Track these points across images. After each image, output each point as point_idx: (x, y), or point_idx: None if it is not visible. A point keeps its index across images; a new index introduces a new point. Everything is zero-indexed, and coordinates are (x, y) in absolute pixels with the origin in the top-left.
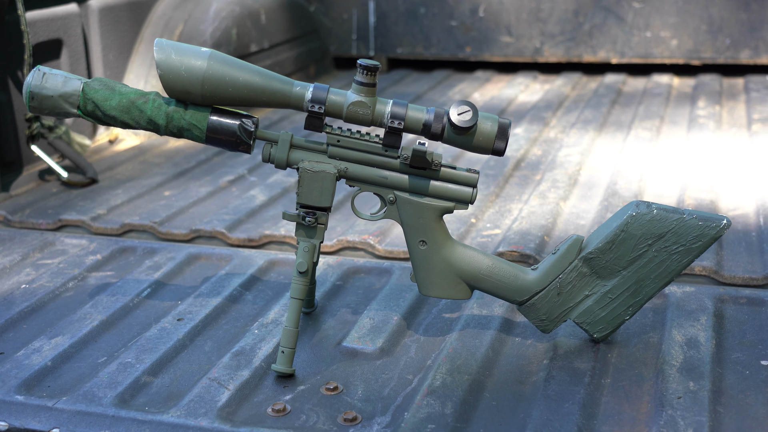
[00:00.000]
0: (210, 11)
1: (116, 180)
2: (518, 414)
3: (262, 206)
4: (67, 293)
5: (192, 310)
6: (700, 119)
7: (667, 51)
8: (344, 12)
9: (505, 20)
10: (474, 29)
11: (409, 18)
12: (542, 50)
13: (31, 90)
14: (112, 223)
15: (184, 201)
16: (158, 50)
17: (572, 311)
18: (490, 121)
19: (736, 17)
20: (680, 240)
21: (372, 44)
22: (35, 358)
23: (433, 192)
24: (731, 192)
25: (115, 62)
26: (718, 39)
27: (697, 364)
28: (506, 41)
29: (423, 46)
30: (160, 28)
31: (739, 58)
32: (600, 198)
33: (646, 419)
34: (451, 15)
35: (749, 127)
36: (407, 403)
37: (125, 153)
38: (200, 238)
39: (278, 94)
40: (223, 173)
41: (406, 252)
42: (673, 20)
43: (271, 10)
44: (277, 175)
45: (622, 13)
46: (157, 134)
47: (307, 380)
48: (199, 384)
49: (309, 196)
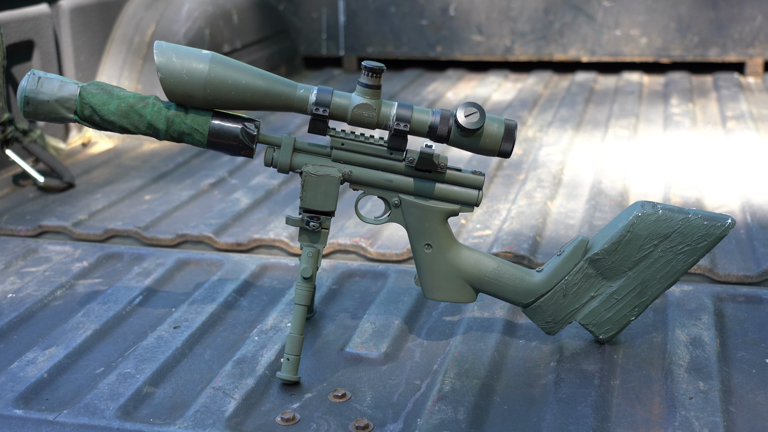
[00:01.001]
0: (182, 11)
1: (93, 184)
2: (531, 418)
3: (247, 209)
4: (55, 302)
5: (188, 317)
6: (676, 117)
7: (637, 49)
8: (313, 11)
9: (475, 19)
10: (444, 28)
11: (380, 17)
12: (513, 49)
13: (27, 95)
14: (95, 228)
15: (167, 205)
16: (158, 53)
17: (578, 313)
18: (497, 123)
19: (704, 15)
20: (686, 240)
21: (342, 44)
22: (30, 370)
23: (439, 195)
24: (715, 190)
25: (86, 63)
26: (687, 37)
27: (704, 363)
28: (477, 40)
29: (393, 46)
30: (132, 28)
31: (708, 56)
32: (586, 197)
33: (660, 421)
34: (422, 14)
35: (724, 125)
36: (418, 409)
37: (100, 156)
38: (186, 243)
39: (281, 97)
40: (203, 176)
41: (398, 254)
42: (642, 18)
43: (242, 10)
44: (259, 177)
45: (592, 11)
46: (156, 139)
47: (313, 387)
48: (204, 394)
49: (313, 201)
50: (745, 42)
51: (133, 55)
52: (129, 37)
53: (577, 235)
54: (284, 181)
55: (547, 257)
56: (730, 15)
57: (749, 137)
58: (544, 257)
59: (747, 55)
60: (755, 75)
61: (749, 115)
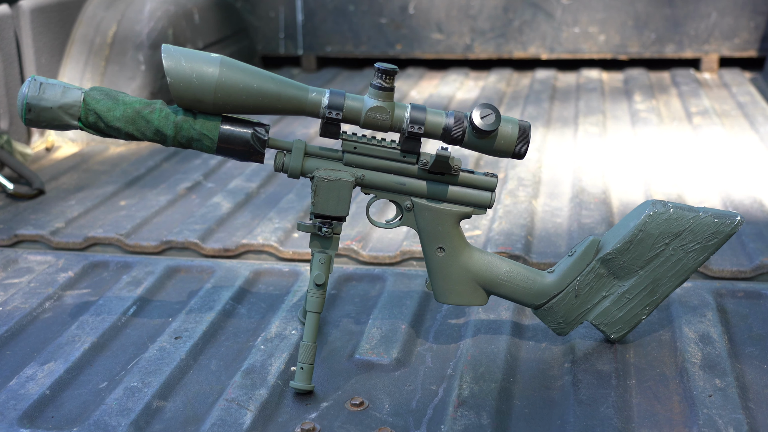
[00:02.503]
0: (145, 11)
1: (64, 190)
2: (554, 420)
3: (230, 214)
4: (45, 314)
5: (188, 327)
6: (642, 114)
7: (595, 46)
8: (271, 10)
9: (435, 17)
10: (404, 27)
11: (338, 16)
12: (473, 47)
13: (29, 101)
14: (74, 236)
15: (146, 211)
16: (167, 57)
17: (589, 313)
18: (511, 124)
19: (660, 12)
20: (696, 238)
21: (300, 43)
22: (31, 386)
23: (452, 197)
24: (694, 186)
25: (47, 65)
26: (644, 34)
27: (716, 360)
28: (437, 38)
29: (353, 44)
30: (92, 29)
31: (665, 53)
32: (569, 195)
33: (683, 419)
34: (381, 12)
35: (690, 121)
36: (439, 416)
37: (66, 161)
38: (171, 250)
39: (293, 101)
40: (178, 180)
41: (391, 257)
42: (600, 16)
43: (203, 9)
44: (236, 180)
45: (550, 9)
46: (163, 145)
47: (328, 396)
48: (217, 406)
49: (325, 206)
50: (700, 39)
51: (94, 56)
52: (90, 38)
53: (565, 233)
54: (262, 184)
55: (541, 256)
56: (686, 12)
57: (717, 133)
58: (539, 256)
59: (702, 52)
60: (711, 71)
61: (713, 111)
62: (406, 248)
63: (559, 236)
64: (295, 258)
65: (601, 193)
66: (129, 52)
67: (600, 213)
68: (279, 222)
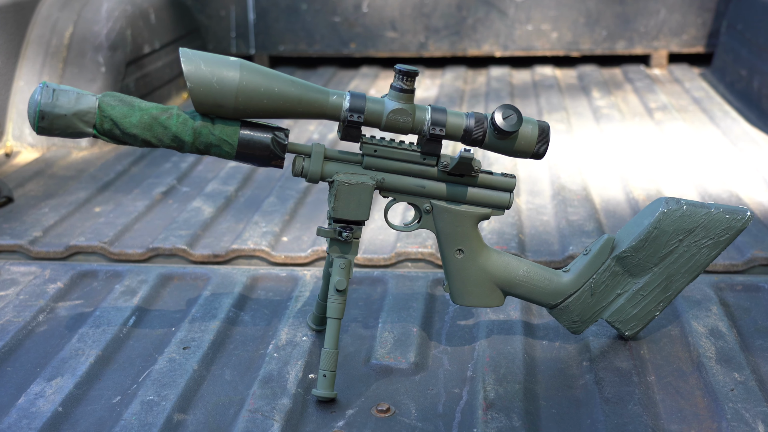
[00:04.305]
0: (102, 11)
1: (33, 197)
2: (584, 420)
3: (213, 218)
4: (40, 328)
5: (194, 336)
6: (603, 110)
7: (548, 43)
8: (221, 9)
9: (389, 15)
10: (358, 25)
11: (291, 14)
12: (427, 45)
13: (42, 109)
14: (54, 246)
15: (125, 217)
16: (186, 60)
17: (605, 311)
18: (531, 125)
19: (611, 10)
20: (709, 234)
21: (252, 42)
22: (42, 404)
23: (471, 199)
24: (671, 181)
25: (4, 68)
26: (596, 31)
27: (731, 354)
28: (391, 36)
29: (306, 43)
30: (48, 30)
31: (615, 49)
32: (550, 192)
33: (710, 414)
34: (334, 11)
35: (652, 116)
36: (469, 419)
37: (29, 167)
38: (158, 257)
39: (314, 105)
40: (150, 185)
41: (386, 259)
42: (552, 13)
43: (159, 9)
44: (212, 184)
45: (504, 7)
46: (179, 152)
47: (352, 403)
48: (241, 417)
49: (346, 210)
50: (650, 35)
51: (51, 58)
52: (46, 39)
53: (554, 230)
54: (240, 187)
55: (536, 254)
56: (636, 9)
57: (680, 128)
58: (534, 255)
59: (652, 48)
60: (660, 66)
61: (671, 107)
62: (401, 250)
63: (549, 234)
64: (288, 262)
65: (582, 190)
66: (88, 54)
67: (585, 210)
68: (266, 226)
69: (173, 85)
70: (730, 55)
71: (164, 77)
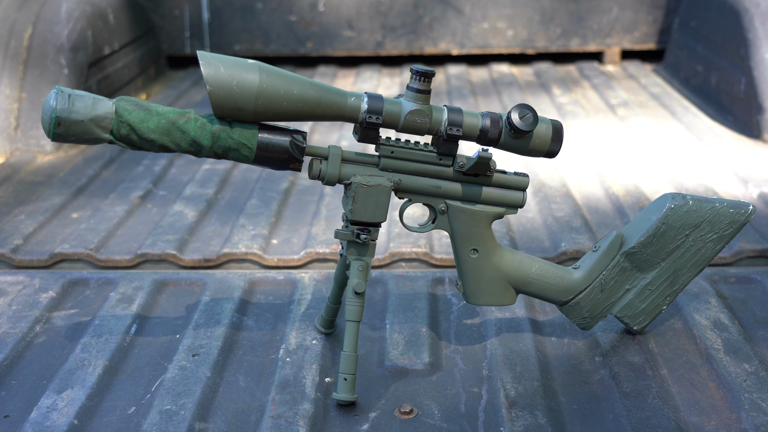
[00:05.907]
0: (62, 11)
1: (5, 204)
2: (605, 415)
3: (197, 222)
4: (39, 339)
5: (202, 343)
6: (567, 107)
7: (504, 41)
8: (175, 8)
9: (345, 14)
10: (314, 24)
11: (246, 13)
12: (384, 43)
13: (58, 115)
14: (37, 254)
15: (106, 223)
16: (205, 64)
17: (614, 306)
18: (545, 124)
19: (565, 8)
20: (714, 228)
21: (207, 42)
22: (56, 417)
23: (486, 198)
24: (646, 176)
25: None
26: (550, 29)
27: (737, 345)
28: (348, 35)
29: (262, 43)
30: (6, 31)
31: (570, 47)
32: (530, 189)
33: (728, 405)
34: (290, 10)
35: (615, 113)
36: (493, 418)
37: None
38: (147, 263)
39: (333, 107)
40: (126, 189)
41: (380, 260)
42: (508, 11)
43: (116, 9)
44: (190, 187)
45: (460, 5)
46: (196, 156)
47: (373, 406)
48: (264, 424)
49: (363, 212)
50: (603, 32)
51: (11, 60)
52: (4, 41)
53: (542, 227)
54: (218, 190)
55: (527, 252)
56: (589, 7)
57: (644, 123)
58: (527, 252)
59: (605, 45)
60: (613, 63)
61: (632, 103)
62: (395, 250)
63: (537, 230)
64: (281, 265)
65: (562, 187)
66: (50, 56)
67: (569, 206)
68: (254, 229)
69: (132, 86)
70: (684, 51)
71: (124, 78)
